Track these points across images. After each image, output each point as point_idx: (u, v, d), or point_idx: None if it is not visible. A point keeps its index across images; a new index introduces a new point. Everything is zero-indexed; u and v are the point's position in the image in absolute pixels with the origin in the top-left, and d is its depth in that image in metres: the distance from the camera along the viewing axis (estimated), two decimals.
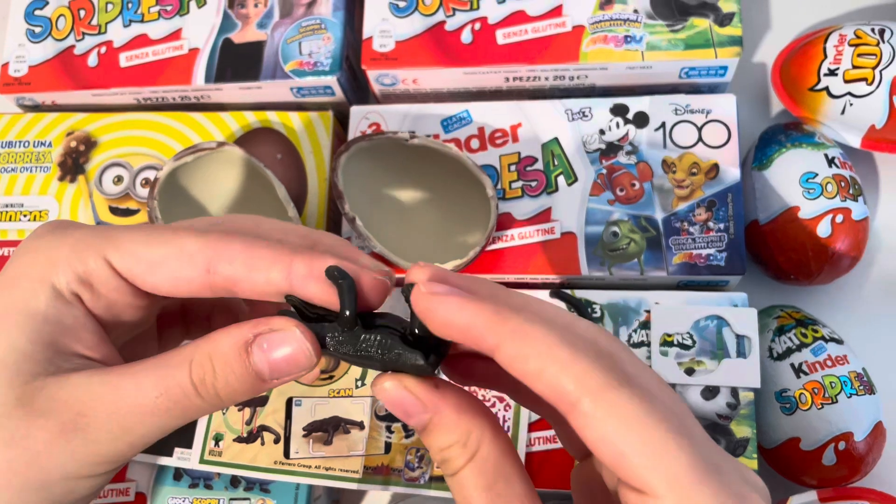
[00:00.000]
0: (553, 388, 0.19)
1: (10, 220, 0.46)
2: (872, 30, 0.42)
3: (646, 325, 0.40)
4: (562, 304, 0.40)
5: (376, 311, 0.23)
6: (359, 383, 0.40)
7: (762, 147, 0.43)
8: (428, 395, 0.21)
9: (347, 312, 0.21)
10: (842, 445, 0.38)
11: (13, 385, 0.21)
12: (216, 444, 0.39)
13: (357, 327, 0.22)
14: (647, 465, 0.18)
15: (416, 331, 0.21)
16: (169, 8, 0.47)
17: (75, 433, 0.21)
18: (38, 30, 0.49)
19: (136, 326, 0.26)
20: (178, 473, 0.41)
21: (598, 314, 0.40)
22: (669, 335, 0.39)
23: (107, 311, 0.24)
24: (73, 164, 0.46)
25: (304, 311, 0.23)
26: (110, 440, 0.21)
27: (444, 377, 0.23)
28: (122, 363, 0.23)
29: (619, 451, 0.18)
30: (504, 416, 0.39)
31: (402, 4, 0.45)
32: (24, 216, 0.46)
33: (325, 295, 0.22)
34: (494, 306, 0.20)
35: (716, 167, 0.41)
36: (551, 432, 0.39)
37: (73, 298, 0.23)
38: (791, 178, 0.41)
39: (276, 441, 0.39)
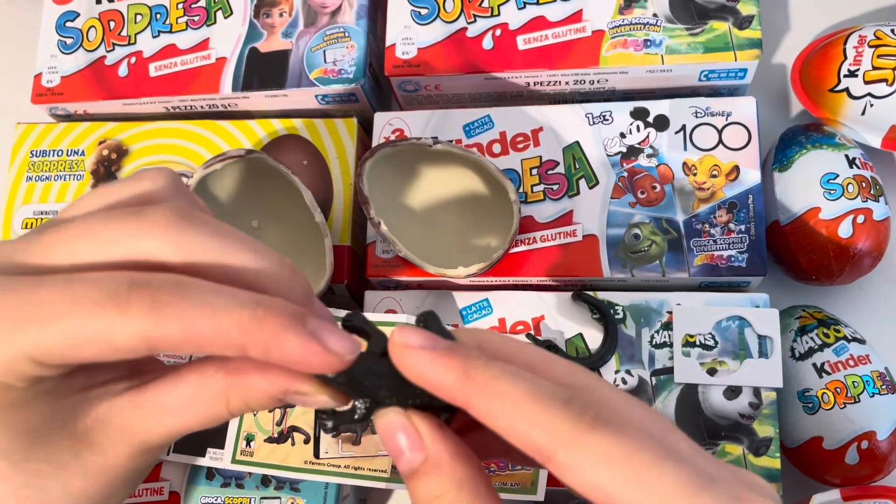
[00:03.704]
0: (526, 443, 0.19)
1: None
2: (892, 30, 0.42)
3: (668, 325, 0.40)
4: (584, 306, 0.41)
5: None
6: None
7: (782, 148, 0.44)
8: (430, 431, 0.21)
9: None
10: (864, 444, 0.38)
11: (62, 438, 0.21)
12: (247, 444, 0.40)
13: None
14: (636, 499, 0.18)
15: None
16: (196, 18, 0.48)
17: (145, 454, 0.22)
18: (69, 41, 0.50)
19: None
20: (211, 473, 0.42)
21: (621, 315, 0.41)
22: (692, 336, 0.40)
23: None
24: (105, 172, 0.48)
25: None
26: (167, 445, 0.23)
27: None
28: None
29: (606, 492, 0.18)
30: None
31: (423, 12, 0.46)
32: None
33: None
34: (463, 363, 0.20)
35: (736, 169, 0.42)
36: None
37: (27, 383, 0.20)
38: (812, 179, 0.42)
39: (307, 441, 0.40)
